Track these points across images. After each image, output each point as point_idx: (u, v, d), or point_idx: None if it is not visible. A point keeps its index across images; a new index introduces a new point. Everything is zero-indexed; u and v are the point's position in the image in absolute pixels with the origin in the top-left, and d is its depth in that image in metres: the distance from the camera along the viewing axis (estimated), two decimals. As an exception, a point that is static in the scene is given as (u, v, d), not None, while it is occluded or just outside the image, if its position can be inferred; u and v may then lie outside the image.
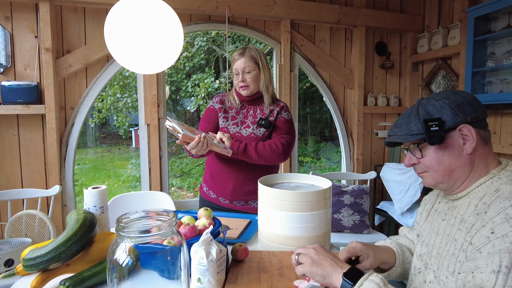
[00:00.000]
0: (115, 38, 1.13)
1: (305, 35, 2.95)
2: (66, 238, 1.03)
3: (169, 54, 1.20)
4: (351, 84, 3.10)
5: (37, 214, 2.15)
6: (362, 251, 1.01)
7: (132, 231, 0.69)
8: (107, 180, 7.46)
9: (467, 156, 0.87)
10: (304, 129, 7.46)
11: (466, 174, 0.88)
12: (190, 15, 2.63)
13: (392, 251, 1.10)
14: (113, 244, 0.71)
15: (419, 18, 3.19)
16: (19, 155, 2.35)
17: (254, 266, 1.09)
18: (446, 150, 0.88)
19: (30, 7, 2.30)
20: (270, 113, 1.73)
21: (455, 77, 2.84)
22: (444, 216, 0.96)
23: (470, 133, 0.85)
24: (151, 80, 2.50)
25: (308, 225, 1.23)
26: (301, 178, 1.49)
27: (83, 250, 1.08)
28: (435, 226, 0.98)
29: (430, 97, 0.90)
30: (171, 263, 0.83)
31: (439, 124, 0.84)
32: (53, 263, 0.99)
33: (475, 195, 0.87)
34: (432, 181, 0.93)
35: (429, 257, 0.95)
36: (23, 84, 2.24)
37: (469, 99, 0.87)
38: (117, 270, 0.70)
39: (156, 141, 2.55)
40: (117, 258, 0.69)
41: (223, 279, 0.99)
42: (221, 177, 1.75)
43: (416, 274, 1.02)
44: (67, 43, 2.41)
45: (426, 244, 0.99)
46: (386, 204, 3.04)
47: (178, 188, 7.24)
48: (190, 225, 1.07)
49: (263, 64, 1.68)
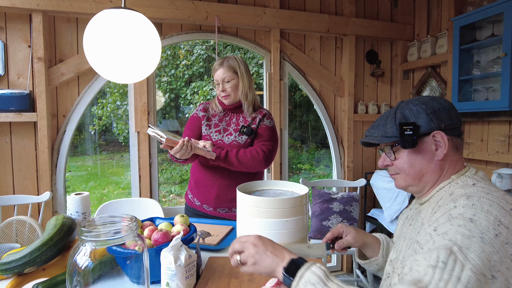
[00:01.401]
0: (93, 48, 1.17)
1: (295, 44, 3.00)
2: (41, 243, 1.06)
3: (146, 65, 1.24)
4: (341, 92, 3.13)
5: (27, 220, 2.17)
6: (342, 228, 1.10)
7: (92, 235, 0.72)
8: (107, 187, 7.49)
9: (437, 162, 0.89)
10: (305, 136, 7.47)
11: (435, 179, 0.91)
12: (181, 25, 2.69)
13: (378, 240, 1.14)
14: (74, 249, 0.74)
15: (409, 27, 3.24)
16: (11, 162, 2.39)
17: (226, 272, 1.12)
18: (418, 155, 0.90)
19: (23, 18, 2.37)
20: (253, 120, 1.76)
21: (444, 85, 2.87)
22: (411, 221, 0.99)
23: (443, 140, 0.87)
24: (142, 88, 2.54)
25: (283, 231, 1.25)
26: (282, 185, 1.52)
27: (60, 254, 1.11)
28: (404, 231, 1.01)
29: (409, 101, 0.93)
30: (137, 268, 0.85)
31: (414, 128, 0.86)
32: (28, 267, 1.02)
33: (434, 199, 0.90)
34: (403, 183, 0.96)
35: (397, 262, 0.98)
36: (15, 93, 2.29)
37: (446, 106, 0.89)
38: (78, 274, 0.73)
39: (146, 148, 2.58)
40: (78, 261, 0.72)
41: (193, 284, 1.01)
42: (205, 185, 1.77)
43: (385, 279, 1.04)
44: (60, 52, 2.47)
45: (396, 250, 1.01)
46: (377, 212, 3.05)
47: (176, 195, 7.25)
48: (163, 231, 1.10)
49: (242, 73, 1.71)
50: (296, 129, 7.41)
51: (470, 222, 0.71)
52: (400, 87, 3.32)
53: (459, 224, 0.72)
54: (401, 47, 3.27)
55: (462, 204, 0.76)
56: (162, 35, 2.64)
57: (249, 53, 6.41)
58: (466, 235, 0.70)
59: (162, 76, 7.20)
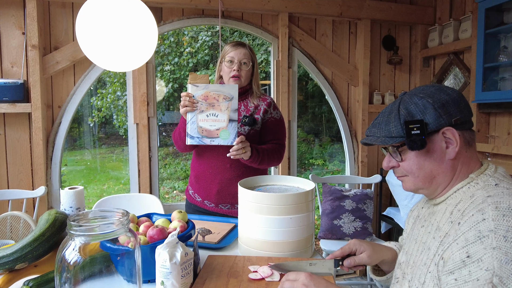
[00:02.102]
0: (86, 35, 1.19)
1: (305, 29, 2.98)
2: (33, 238, 1.09)
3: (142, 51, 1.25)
4: (355, 81, 3.11)
5: (21, 216, 2.23)
6: (356, 245, 1.03)
7: (81, 229, 0.74)
8: (107, 182, 7.59)
9: (449, 161, 0.87)
10: (319, 129, 7.39)
11: (448, 180, 0.88)
12: (182, 9, 2.69)
13: (394, 252, 1.09)
14: (63, 243, 0.76)
15: (430, 10, 3.18)
16: (5, 155, 2.45)
17: (225, 271, 1.13)
18: (427, 155, 0.87)
19: (17, 3, 2.40)
20: (256, 109, 1.78)
21: (467, 73, 2.82)
22: (423, 222, 0.97)
23: (454, 137, 0.84)
24: (141, 77, 2.57)
25: (287, 229, 1.26)
26: (287, 180, 1.52)
27: (52, 250, 1.14)
28: (415, 233, 0.99)
29: (413, 93, 0.89)
30: (129, 265, 0.87)
31: (421, 127, 0.83)
32: (19, 263, 1.05)
33: (451, 201, 0.87)
34: (412, 186, 0.93)
35: (407, 266, 0.96)
36: (9, 82, 2.34)
37: (455, 97, 0.86)
38: (67, 270, 0.75)
39: (145, 141, 2.61)
40: (66, 257, 0.74)
41: (190, 283, 1.03)
42: (206, 179, 1.79)
43: (394, 284, 1.02)
44: (55, 40, 2.50)
45: (406, 252, 0.99)
46: (393, 211, 3.03)
47: (180, 192, 7.31)
48: (159, 227, 1.11)
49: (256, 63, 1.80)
50: (309, 122, 7.34)
51: (505, 241, 0.69)
52: (420, 76, 3.27)
53: (493, 247, 0.69)
54: (421, 32, 3.22)
55: (492, 216, 0.73)
56: (162, 20, 2.66)
57: (257, 39, 6.38)
58: (503, 260, 0.68)
59: (165, 65, 7.20)
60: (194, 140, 1.60)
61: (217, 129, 1.59)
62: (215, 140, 1.60)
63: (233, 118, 1.59)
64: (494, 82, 2.52)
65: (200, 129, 1.60)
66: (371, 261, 1.03)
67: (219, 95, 1.58)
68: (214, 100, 1.58)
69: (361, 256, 1.02)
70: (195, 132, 1.60)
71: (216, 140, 1.60)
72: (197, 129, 1.60)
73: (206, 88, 1.57)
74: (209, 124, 1.59)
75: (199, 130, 1.60)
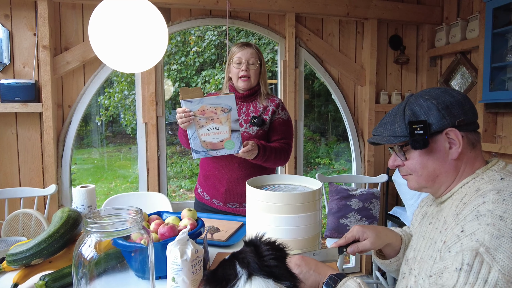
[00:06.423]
0: (99, 37, 1.22)
1: (312, 29, 2.99)
2: (48, 235, 1.12)
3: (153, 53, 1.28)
4: (362, 80, 3.12)
5: (33, 214, 2.28)
6: (359, 233, 1.06)
7: (97, 226, 0.77)
8: (114, 180, 7.65)
9: (452, 162, 0.89)
10: (325, 128, 7.38)
11: (450, 179, 0.90)
12: (190, 9, 2.72)
13: (399, 237, 1.12)
14: (80, 240, 0.79)
15: (437, 9, 3.17)
16: (17, 154, 2.50)
17: (234, 267, 1.15)
18: (431, 155, 0.89)
19: (29, 5, 2.45)
20: (264, 110, 1.80)
21: (474, 72, 2.82)
22: (431, 219, 0.99)
23: (457, 138, 0.86)
24: (149, 77, 2.60)
25: (294, 228, 1.28)
26: (294, 179, 1.54)
27: (66, 247, 1.17)
28: (423, 229, 1.01)
29: (419, 95, 0.92)
30: (142, 262, 0.90)
31: (424, 127, 0.85)
32: (35, 259, 1.08)
33: (457, 196, 0.89)
34: (416, 185, 0.96)
35: (414, 262, 0.98)
36: (21, 82, 2.38)
37: (459, 99, 0.88)
38: (83, 265, 0.78)
39: (154, 140, 2.65)
40: (83, 253, 0.77)
41: (200, 279, 1.05)
42: (214, 178, 1.82)
43: (401, 279, 1.04)
44: (65, 40, 2.54)
45: (414, 249, 1.02)
46: (399, 210, 3.04)
47: (187, 190, 7.35)
48: (170, 224, 1.14)
49: (263, 61, 1.82)
50: (315, 121, 7.33)
51: (500, 220, 0.71)
52: (427, 75, 3.27)
53: (487, 223, 0.72)
54: (428, 32, 3.21)
55: (492, 199, 0.75)
56: (171, 20, 2.68)
57: (263, 38, 6.39)
58: (495, 235, 0.70)
59: (171, 64, 7.24)
60: (200, 154, 1.59)
61: (220, 141, 1.58)
62: (221, 151, 1.59)
63: (235, 128, 1.56)
64: (502, 82, 2.52)
65: (204, 143, 1.58)
66: (374, 247, 1.06)
67: (216, 108, 1.53)
68: (212, 114, 1.53)
69: (364, 243, 1.05)
70: (199, 147, 1.58)
71: (222, 151, 1.59)
72: (200, 144, 1.58)
73: (201, 102, 1.51)
74: (212, 138, 1.57)
75: (203, 144, 1.58)
